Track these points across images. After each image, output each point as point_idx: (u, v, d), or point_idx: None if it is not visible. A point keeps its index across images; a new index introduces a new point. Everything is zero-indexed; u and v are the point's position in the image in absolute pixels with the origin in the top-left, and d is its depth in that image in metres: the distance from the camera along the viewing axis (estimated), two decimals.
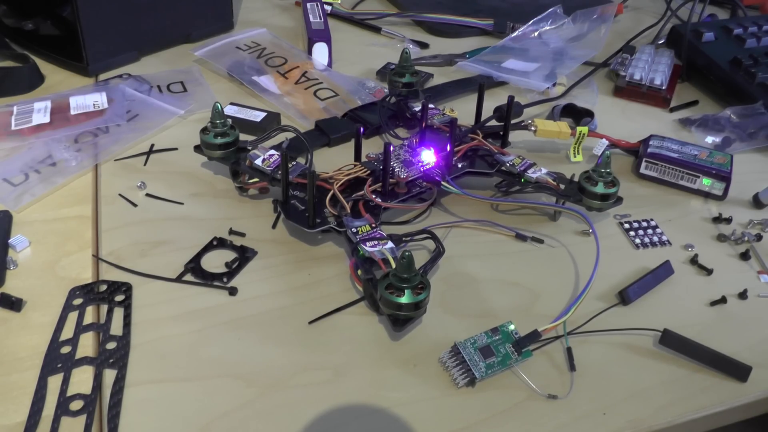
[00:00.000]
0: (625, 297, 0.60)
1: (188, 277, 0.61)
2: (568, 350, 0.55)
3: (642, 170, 0.77)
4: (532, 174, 0.69)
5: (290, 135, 0.69)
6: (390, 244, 0.58)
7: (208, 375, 0.52)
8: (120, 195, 0.70)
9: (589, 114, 0.87)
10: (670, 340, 0.56)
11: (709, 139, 0.85)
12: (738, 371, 0.54)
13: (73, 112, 0.80)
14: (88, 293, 0.58)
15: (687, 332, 0.56)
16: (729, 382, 0.54)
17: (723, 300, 0.61)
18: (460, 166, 0.71)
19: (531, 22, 1.06)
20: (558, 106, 0.88)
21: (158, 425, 0.48)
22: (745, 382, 0.54)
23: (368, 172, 0.67)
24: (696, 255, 0.66)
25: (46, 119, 0.78)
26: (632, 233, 0.69)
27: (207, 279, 0.60)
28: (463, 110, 0.81)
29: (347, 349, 0.55)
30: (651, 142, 0.78)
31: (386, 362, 0.54)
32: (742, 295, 0.62)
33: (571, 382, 0.53)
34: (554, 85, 0.93)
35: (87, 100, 0.81)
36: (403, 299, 0.52)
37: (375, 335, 0.56)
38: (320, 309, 0.58)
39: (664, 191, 0.76)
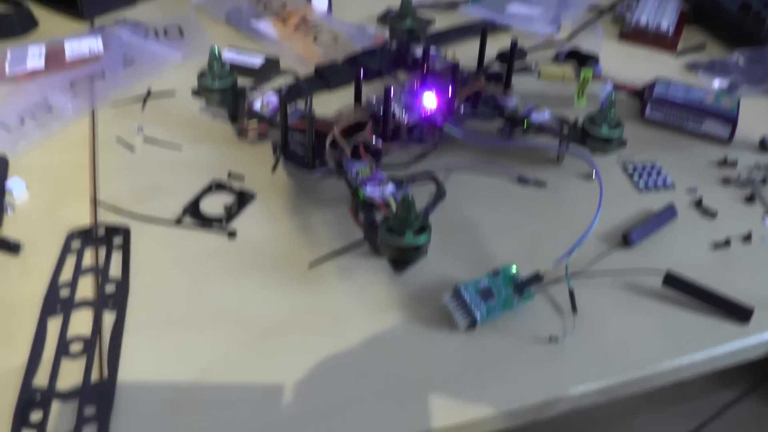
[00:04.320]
0: (628, 239, 0.59)
1: (187, 221, 0.60)
2: (570, 292, 0.54)
3: (647, 114, 0.76)
4: (536, 118, 0.67)
5: (289, 80, 0.68)
6: (391, 187, 0.57)
7: (207, 318, 0.52)
8: (117, 140, 0.69)
9: (593, 59, 0.85)
10: (672, 282, 0.55)
11: (717, 83, 0.83)
12: (740, 313, 0.54)
13: (68, 58, 0.78)
14: (86, 237, 0.57)
15: (690, 274, 0.55)
16: (731, 324, 0.54)
17: (727, 243, 0.61)
18: (462, 110, 0.70)
19: None
20: (562, 50, 0.86)
21: (158, 367, 0.48)
22: (747, 324, 0.53)
23: (369, 115, 0.66)
24: (700, 198, 0.65)
25: (41, 64, 0.76)
26: (636, 176, 0.68)
27: (206, 223, 0.60)
28: (465, 55, 0.79)
29: (347, 293, 0.54)
30: (656, 86, 0.77)
31: (387, 305, 0.54)
32: (746, 238, 0.61)
33: (573, 324, 0.52)
34: (558, 29, 0.91)
35: (82, 45, 0.80)
36: (404, 242, 0.51)
37: (376, 278, 0.56)
38: (320, 252, 0.57)
39: (669, 134, 0.75)
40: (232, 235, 0.59)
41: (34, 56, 0.77)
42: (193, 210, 0.61)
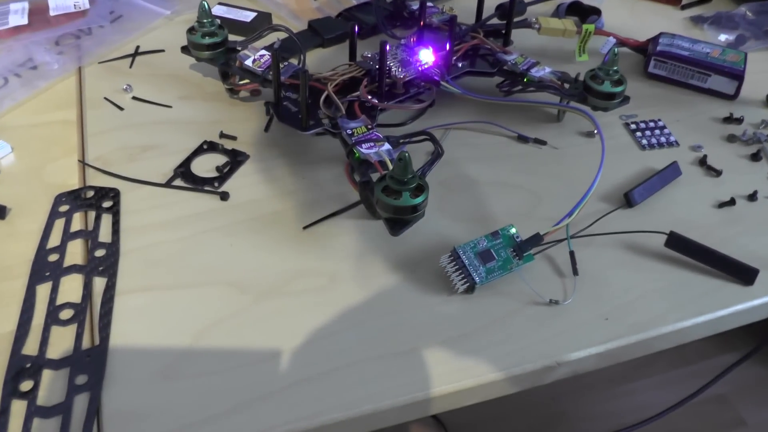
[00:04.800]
0: (630, 199, 0.59)
1: (178, 182, 0.59)
2: (571, 254, 0.53)
3: (650, 69, 0.74)
4: (536, 73, 0.66)
5: (282, 35, 0.66)
6: (387, 146, 0.56)
7: (201, 282, 0.51)
8: (105, 98, 0.67)
9: (595, 12, 0.83)
10: (675, 243, 0.54)
11: (722, 37, 0.82)
12: (745, 274, 0.53)
13: (52, 13, 0.76)
14: (74, 199, 0.56)
15: (693, 234, 0.54)
16: (735, 285, 0.53)
17: (732, 202, 0.60)
18: (460, 65, 0.68)
19: None
20: (563, 3, 0.84)
21: (151, 333, 0.47)
22: (751, 285, 0.53)
23: (364, 72, 0.64)
24: (705, 156, 0.64)
25: (24, 21, 0.74)
26: (639, 134, 0.67)
27: (197, 184, 0.59)
28: (463, 8, 0.77)
29: (343, 255, 0.54)
30: (660, 40, 0.75)
31: (383, 268, 0.53)
32: (752, 197, 0.60)
33: (574, 287, 0.52)
34: None
35: (67, 1, 0.77)
36: (401, 202, 0.50)
37: (372, 240, 0.55)
38: (315, 214, 0.56)
39: (673, 91, 0.73)
40: (224, 196, 0.58)
41: (17, 12, 0.75)
42: (184, 171, 0.60)
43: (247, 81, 0.65)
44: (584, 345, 0.48)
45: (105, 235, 0.54)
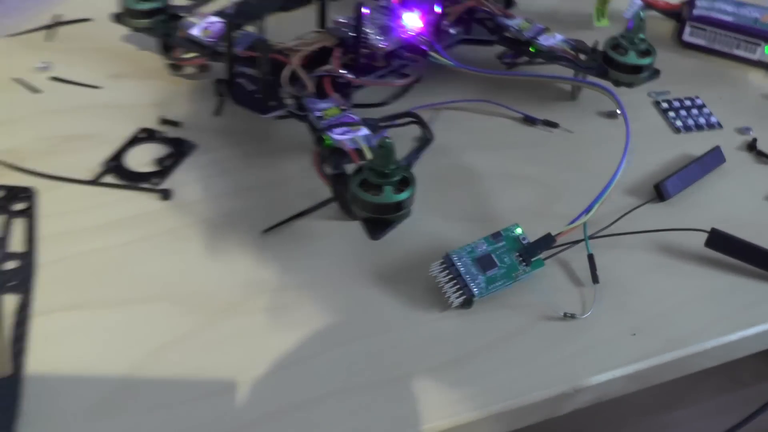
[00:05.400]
0: (662, 191, 0.59)
1: (109, 178, 0.59)
2: (590, 258, 0.54)
3: (686, 37, 0.75)
4: (544, 42, 0.67)
5: None
6: (364, 131, 0.56)
7: (139, 299, 0.51)
8: (16, 79, 0.67)
9: None
10: (718, 242, 0.55)
11: None
12: None
13: None
14: None
15: (740, 232, 0.55)
16: None
17: None
18: (452, 32, 0.69)
19: None
20: None
21: (79, 361, 0.47)
22: None
23: (336, 41, 0.64)
24: (754, 139, 0.65)
25: None
26: (672, 114, 0.68)
27: (133, 180, 0.59)
28: None
29: (313, 265, 0.54)
30: (697, 3, 0.76)
31: (362, 279, 0.53)
32: None
33: (594, 297, 0.52)
34: None
35: None
36: (382, 199, 0.50)
37: (348, 246, 0.55)
38: (278, 215, 0.57)
39: (713, 63, 0.74)
40: (166, 195, 0.58)
41: None
42: (116, 165, 0.60)
43: (193, 54, 0.65)
44: (608, 366, 0.49)
45: (18, 244, 0.54)
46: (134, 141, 0.62)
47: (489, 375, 0.48)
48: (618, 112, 0.66)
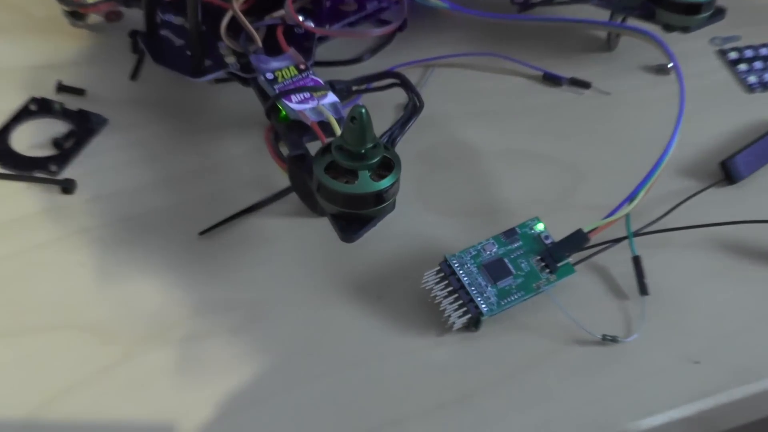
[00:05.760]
0: (731, 170, 0.59)
1: None
2: (636, 261, 0.53)
3: None
4: None
5: None
6: (331, 97, 0.55)
7: (37, 328, 0.51)
8: None
9: None
10: None
11: None
12: None
13: None
14: None
15: None
16: None
17: None
18: None
19: None
20: None
21: None
22: None
23: None
24: None
25: None
26: (743, 67, 0.68)
27: (22, 168, 0.58)
28: None
29: (265, 277, 0.54)
30: None
31: (331, 295, 0.53)
32: None
33: (643, 314, 0.52)
34: None
35: None
36: (356, 188, 0.49)
37: (311, 251, 0.55)
38: (218, 212, 0.56)
39: None
40: (69, 187, 0.57)
41: None
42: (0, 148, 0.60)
43: None
44: (661, 405, 0.48)
45: None
46: (22, 115, 0.62)
47: (501, 420, 0.48)
48: (669, 65, 0.67)
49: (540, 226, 0.53)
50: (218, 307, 0.52)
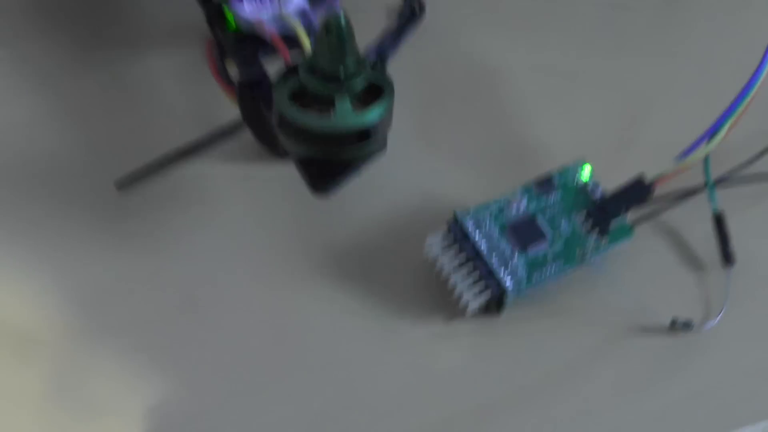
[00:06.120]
0: None
1: None
2: (718, 219, 0.52)
3: None
4: None
5: None
6: (298, 0, 0.54)
7: None
8: None
9: None
10: None
11: None
12: None
13: None
14: None
15: None
16: None
17: None
18: None
19: None
20: None
21: None
22: None
23: None
24: None
25: None
26: None
27: None
28: None
29: (209, 244, 0.53)
30: None
31: (299, 268, 0.52)
32: None
33: (726, 291, 0.50)
34: None
35: None
36: (332, 123, 0.48)
37: (272, 208, 0.54)
38: (140, 156, 0.55)
39: None
40: None
41: None
42: None
43: None
44: (753, 415, 0.48)
45: None
46: None
47: None
48: None
49: (586, 173, 0.52)
50: (141, 288, 0.51)
